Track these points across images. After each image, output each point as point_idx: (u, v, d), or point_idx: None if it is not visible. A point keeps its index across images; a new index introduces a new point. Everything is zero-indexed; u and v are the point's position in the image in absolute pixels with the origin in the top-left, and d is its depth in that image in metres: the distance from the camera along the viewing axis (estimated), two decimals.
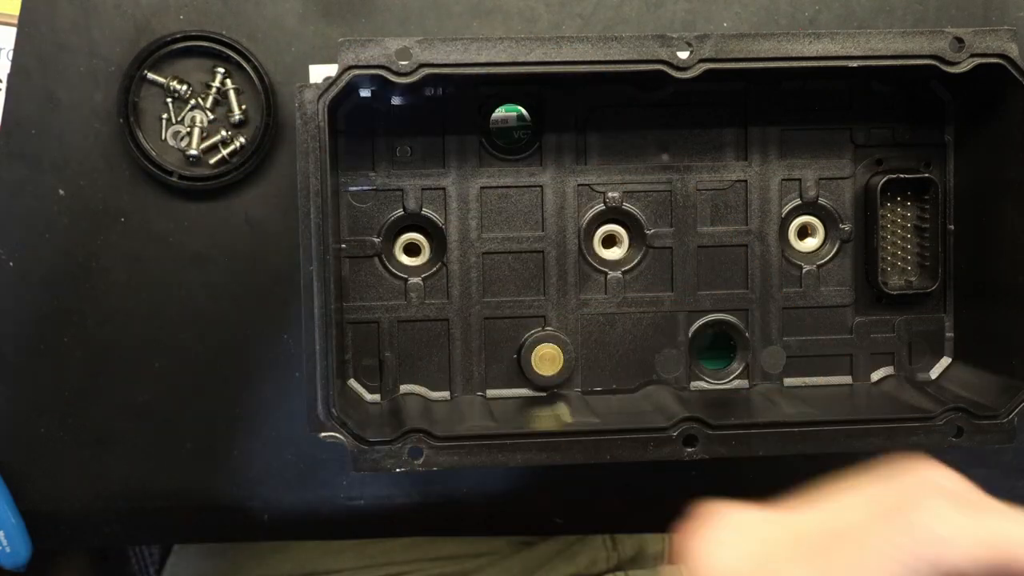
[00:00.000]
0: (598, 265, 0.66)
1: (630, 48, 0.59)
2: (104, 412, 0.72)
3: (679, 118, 0.66)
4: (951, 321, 0.68)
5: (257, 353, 0.72)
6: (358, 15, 0.70)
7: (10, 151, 0.70)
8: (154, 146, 0.70)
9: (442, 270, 0.66)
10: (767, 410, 0.64)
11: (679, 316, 0.67)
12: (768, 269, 0.67)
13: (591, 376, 0.67)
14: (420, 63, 0.58)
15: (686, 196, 0.66)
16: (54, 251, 0.70)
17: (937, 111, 0.67)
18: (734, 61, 0.59)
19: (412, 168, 0.65)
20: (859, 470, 0.51)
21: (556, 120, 0.65)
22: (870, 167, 0.68)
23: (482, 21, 0.70)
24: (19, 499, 0.73)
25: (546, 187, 0.66)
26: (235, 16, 0.70)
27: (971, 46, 0.60)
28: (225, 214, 0.71)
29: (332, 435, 0.58)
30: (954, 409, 0.61)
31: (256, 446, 0.73)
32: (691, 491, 0.72)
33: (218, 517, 0.74)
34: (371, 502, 0.75)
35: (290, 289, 0.71)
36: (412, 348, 0.66)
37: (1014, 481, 0.77)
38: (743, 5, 0.71)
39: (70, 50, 0.69)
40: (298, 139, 0.57)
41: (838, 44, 0.60)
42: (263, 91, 0.69)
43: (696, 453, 0.60)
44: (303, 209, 0.57)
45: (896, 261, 0.68)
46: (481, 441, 0.59)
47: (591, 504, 0.76)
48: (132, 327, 0.71)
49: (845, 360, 0.68)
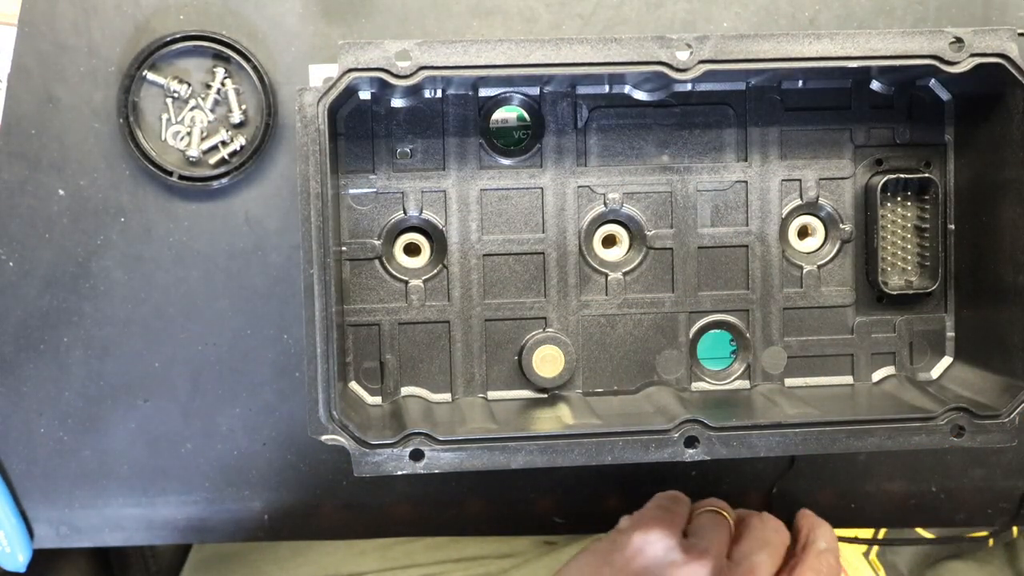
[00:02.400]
0: (598, 266, 0.66)
1: (630, 49, 0.59)
2: (104, 412, 0.72)
3: (679, 119, 0.66)
4: (952, 321, 0.68)
5: (257, 353, 0.72)
6: (358, 15, 0.70)
7: (10, 151, 0.70)
8: (154, 146, 0.70)
9: (443, 272, 0.66)
10: (768, 411, 0.64)
11: (680, 317, 0.67)
12: (768, 269, 0.67)
13: (592, 377, 0.67)
14: (420, 65, 0.58)
15: (686, 197, 0.66)
16: (54, 251, 0.70)
17: (937, 111, 0.67)
18: (734, 62, 0.59)
19: (412, 170, 0.65)
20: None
21: (556, 122, 0.65)
22: (870, 167, 0.68)
23: (482, 21, 0.70)
24: (19, 499, 0.73)
25: (546, 189, 0.66)
26: (235, 16, 0.69)
27: (971, 46, 0.60)
28: (225, 214, 0.71)
29: (333, 438, 0.58)
30: (955, 409, 0.61)
31: (256, 446, 0.73)
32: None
33: (219, 517, 0.74)
34: (371, 502, 0.75)
35: (290, 289, 0.71)
36: (413, 350, 0.66)
37: (1014, 481, 0.77)
38: (743, 5, 0.71)
39: (70, 50, 0.69)
40: (298, 142, 0.57)
41: (838, 44, 0.60)
42: (263, 91, 0.69)
43: (697, 454, 0.60)
44: (303, 212, 0.57)
45: (896, 261, 0.68)
46: (482, 443, 0.59)
47: (591, 504, 0.76)
48: (132, 327, 0.71)
49: (846, 360, 0.68)
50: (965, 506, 0.77)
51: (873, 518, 0.78)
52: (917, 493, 0.77)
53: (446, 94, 0.65)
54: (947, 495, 0.77)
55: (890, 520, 0.78)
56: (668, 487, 0.75)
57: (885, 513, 0.78)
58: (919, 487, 0.77)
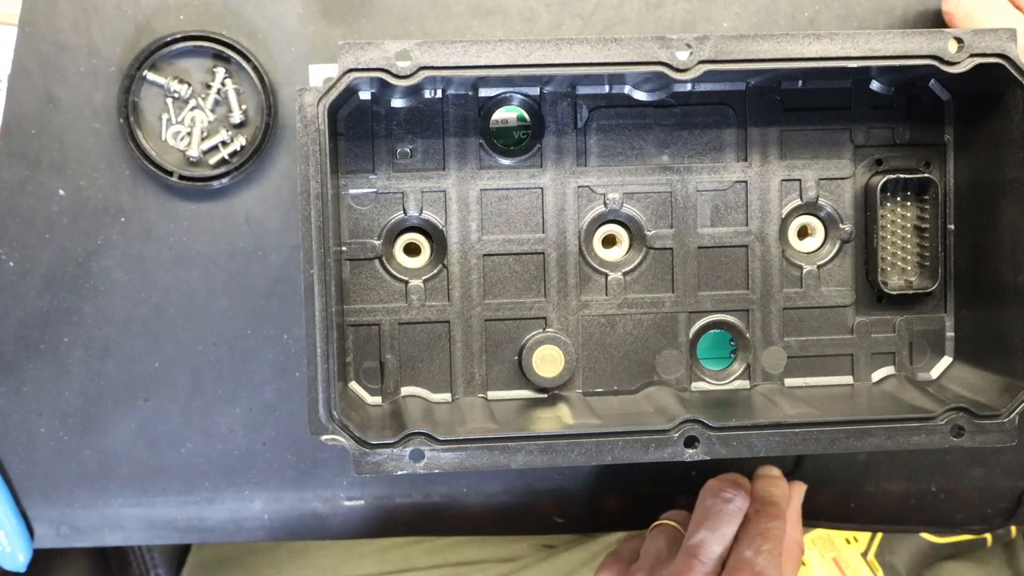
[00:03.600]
0: (598, 266, 0.66)
1: (630, 49, 0.59)
2: (104, 412, 0.72)
3: (679, 119, 0.66)
4: (951, 321, 0.68)
5: (257, 353, 0.72)
6: (358, 15, 0.70)
7: (10, 151, 0.70)
8: (154, 146, 0.70)
9: (443, 272, 0.66)
10: (768, 411, 0.64)
11: (680, 317, 0.67)
12: (768, 269, 0.67)
13: (592, 377, 0.67)
14: (420, 65, 0.57)
15: (686, 197, 0.66)
16: (54, 251, 0.70)
17: (937, 111, 0.67)
18: (734, 62, 0.59)
19: (412, 170, 0.65)
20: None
21: (556, 122, 0.65)
22: (870, 167, 0.68)
23: (482, 21, 0.70)
24: (19, 499, 0.73)
25: (546, 189, 0.66)
26: (235, 16, 0.69)
27: (971, 46, 0.60)
28: (225, 214, 0.71)
29: (333, 438, 0.58)
30: (955, 409, 0.61)
31: (256, 446, 0.73)
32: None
33: (219, 517, 0.74)
34: (371, 502, 0.75)
35: (290, 289, 0.71)
36: (413, 350, 0.66)
37: (1014, 481, 0.77)
38: (743, 5, 0.71)
39: (70, 50, 0.69)
40: (298, 142, 0.57)
41: (838, 44, 0.60)
42: (263, 91, 0.69)
43: (697, 454, 0.60)
44: (304, 212, 0.57)
45: (896, 261, 0.68)
46: (482, 443, 0.59)
47: (591, 504, 0.76)
48: (132, 327, 0.71)
49: (846, 360, 0.68)
50: (965, 506, 0.77)
51: (873, 518, 0.78)
52: (917, 493, 0.77)
53: (446, 94, 0.65)
54: (947, 495, 0.77)
55: (890, 520, 0.78)
56: (668, 487, 0.75)
57: (885, 513, 0.78)
58: (919, 487, 0.77)
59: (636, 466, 0.75)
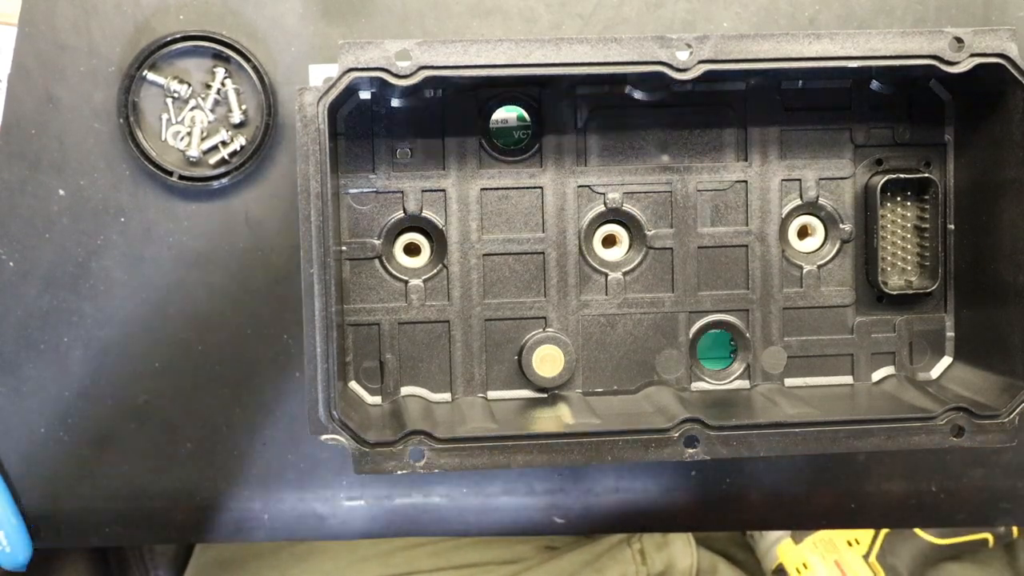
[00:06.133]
0: (598, 266, 0.66)
1: (630, 49, 0.59)
2: (104, 412, 0.72)
3: (679, 119, 0.66)
4: (951, 321, 0.68)
5: (257, 353, 0.72)
6: (358, 15, 0.70)
7: (10, 151, 0.70)
8: (154, 146, 0.70)
9: (442, 272, 0.66)
10: (768, 410, 0.64)
11: (680, 317, 0.67)
12: (768, 269, 0.67)
13: (592, 377, 0.67)
14: (420, 65, 0.58)
15: (686, 197, 0.66)
16: (54, 251, 0.70)
17: (937, 111, 0.67)
18: (734, 62, 0.59)
19: (412, 170, 0.65)
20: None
21: (556, 121, 0.65)
22: (870, 167, 0.68)
23: (482, 21, 0.70)
24: (19, 499, 0.73)
25: (546, 188, 0.66)
26: (235, 16, 0.69)
27: (971, 46, 0.60)
28: (225, 214, 0.71)
29: (333, 438, 0.58)
30: (955, 409, 0.61)
31: (256, 446, 0.73)
32: (691, 491, 0.72)
33: (218, 517, 0.74)
34: (371, 502, 0.75)
35: (290, 289, 0.71)
36: (413, 350, 0.66)
37: (1014, 481, 0.77)
38: (743, 5, 0.71)
39: (70, 50, 0.69)
40: (298, 142, 0.57)
41: (838, 44, 0.60)
42: (263, 91, 0.69)
43: (697, 454, 0.60)
44: (303, 212, 0.57)
45: (896, 261, 0.68)
46: (482, 443, 0.59)
47: (592, 504, 0.76)
48: (132, 327, 0.71)
49: (846, 360, 0.68)
50: (965, 506, 0.77)
51: (873, 518, 0.78)
52: (917, 493, 0.77)
53: (446, 94, 0.65)
54: (947, 495, 0.77)
55: (890, 520, 0.78)
56: (668, 487, 0.75)
57: (885, 513, 0.78)
58: (919, 487, 0.77)
59: (636, 466, 0.75)
